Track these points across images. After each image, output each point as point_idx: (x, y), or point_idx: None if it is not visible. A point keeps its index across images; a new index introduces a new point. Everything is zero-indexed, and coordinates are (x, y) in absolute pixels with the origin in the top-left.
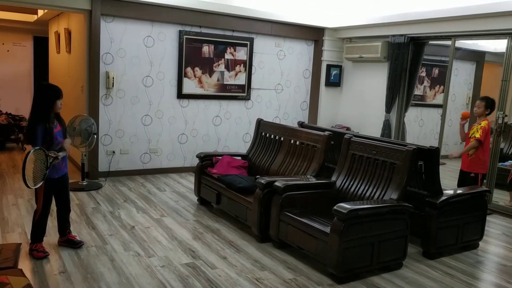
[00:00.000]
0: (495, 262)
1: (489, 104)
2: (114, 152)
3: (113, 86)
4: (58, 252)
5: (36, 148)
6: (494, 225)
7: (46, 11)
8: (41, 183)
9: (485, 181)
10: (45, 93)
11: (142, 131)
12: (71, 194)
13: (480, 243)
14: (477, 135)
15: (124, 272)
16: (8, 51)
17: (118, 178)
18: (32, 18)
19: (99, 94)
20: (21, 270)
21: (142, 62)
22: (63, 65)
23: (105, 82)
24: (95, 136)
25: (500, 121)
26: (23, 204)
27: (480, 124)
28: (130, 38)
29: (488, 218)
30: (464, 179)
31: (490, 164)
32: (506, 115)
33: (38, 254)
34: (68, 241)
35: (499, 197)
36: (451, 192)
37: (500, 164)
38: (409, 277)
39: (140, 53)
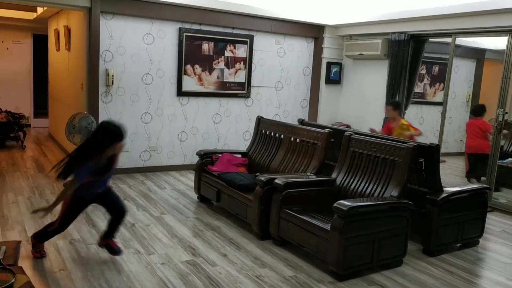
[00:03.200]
0: (495, 260)
1: (396, 106)
2: None
3: (112, 83)
4: (58, 250)
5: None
6: (494, 222)
7: (45, 8)
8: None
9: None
10: (105, 137)
11: (142, 128)
12: None
13: (480, 240)
14: (412, 130)
15: (124, 269)
16: (7, 49)
17: (118, 176)
18: (31, 15)
19: (98, 91)
20: (21, 267)
21: (142, 59)
22: (63, 63)
23: (104, 79)
24: None
25: (500, 119)
26: (23, 202)
27: (403, 123)
28: (130, 36)
29: (488, 215)
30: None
31: (491, 161)
32: (506, 112)
33: (35, 254)
34: (108, 246)
35: (500, 194)
36: (451, 189)
37: (500, 161)
38: (410, 274)
39: (139, 50)
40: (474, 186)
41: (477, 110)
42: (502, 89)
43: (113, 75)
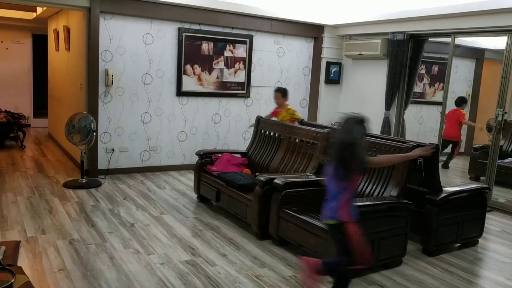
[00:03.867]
0: (495, 259)
1: (284, 93)
2: (113, 149)
3: (112, 83)
4: (58, 250)
5: None
6: (493, 222)
7: (45, 8)
8: None
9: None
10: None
11: (141, 128)
12: (72, 191)
13: (480, 240)
14: (298, 116)
15: (123, 269)
16: (7, 49)
17: (117, 176)
18: (31, 15)
19: (98, 91)
20: (20, 267)
21: (141, 59)
22: (62, 63)
23: (104, 79)
24: (95, 134)
25: (499, 118)
26: (22, 202)
27: (289, 108)
28: (129, 36)
29: (488, 215)
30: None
31: (490, 161)
32: (505, 112)
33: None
34: None
35: (499, 194)
36: (451, 189)
37: (499, 161)
38: (409, 274)
39: (139, 50)
40: (474, 186)
41: (459, 101)
42: (502, 89)
43: (112, 75)
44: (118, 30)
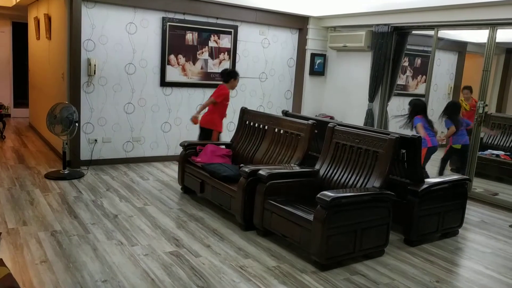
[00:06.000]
0: (474, 249)
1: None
2: (96, 140)
3: (95, 73)
4: (39, 242)
5: None
6: (473, 212)
7: None
8: None
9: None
10: None
11: (124, 119)
12: (53, 183)
13: (460, 230)
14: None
15: (107, 261)
16: None
17: (100, 167)
18: (10, 3)
19: (80, 81)
20: (1, 259)
21: (125, 49)
22: (43, 52)
23: (86, 69)
24: (77, 124)
25: (480, 111)
26: (2, 193)
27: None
28: (112, 25)
29: (468, 206)
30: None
31: (470, 153)
32: (486, 105)
33: None
34: None
35: (479, 185)
36: (432, 180)
37: (479, 153)
38: (391, 264)
39: (122, 40)
40: (454, 177)
41: None
42: (483, 81)
43: (95, 65)
44: (101, 19)
